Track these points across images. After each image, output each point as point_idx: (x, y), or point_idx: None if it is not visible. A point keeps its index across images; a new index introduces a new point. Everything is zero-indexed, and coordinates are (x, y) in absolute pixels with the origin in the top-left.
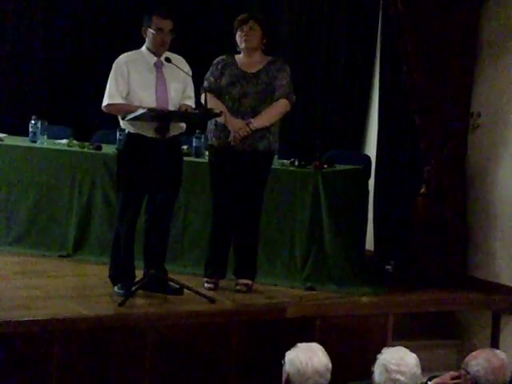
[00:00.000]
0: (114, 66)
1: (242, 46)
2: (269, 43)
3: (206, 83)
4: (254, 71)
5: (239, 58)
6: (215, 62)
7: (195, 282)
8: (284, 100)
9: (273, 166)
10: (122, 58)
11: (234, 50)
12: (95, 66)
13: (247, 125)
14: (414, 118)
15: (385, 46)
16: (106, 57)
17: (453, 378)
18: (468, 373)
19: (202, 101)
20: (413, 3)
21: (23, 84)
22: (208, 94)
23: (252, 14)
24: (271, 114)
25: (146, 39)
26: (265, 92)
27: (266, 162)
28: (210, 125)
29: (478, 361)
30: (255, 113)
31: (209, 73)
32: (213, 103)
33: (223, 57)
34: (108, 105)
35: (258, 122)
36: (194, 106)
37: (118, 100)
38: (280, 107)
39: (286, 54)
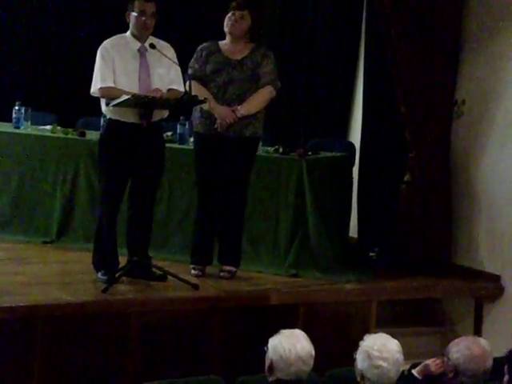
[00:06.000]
0: (100, 50)
1: (226, 29)
2: (254, 33)
3: (190, 70)
4: (238, 58)
5: (223, 44)
6: (199, 49)
7: (179, 269)
8: (269, 86)
9: (257, 153)
10: (107, 42)
11: (218, 36)
12: (79, 51)
13: (233, 112)
14: (398, 105)
15: (369, 33)
16: (89, 43)
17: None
18: (449, 359)
19: (187, 88)
20: None
21: (7, 70)
22: (193, 82)
23: (250, 4)
24: (257, 101)
25: (130, 24)
26: (250, 79)
27: (252, 148)
28: (195, 112)
29: (459, 348)
30: (241, 100)
31: (193, 60)
32: (198, 90)
33: (207, 44)
34: (101, 88)
35: (245, 109)
36: (181, 89)
37: (111, 83)
38: (266, 94)
39: (271, 40)
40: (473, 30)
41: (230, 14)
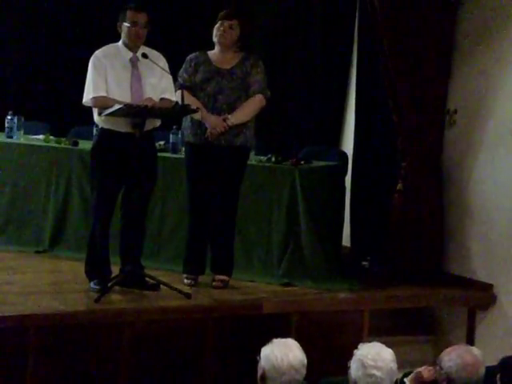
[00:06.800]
0: (92, 60)
1: (215, 39)
2: (244, 42)
3: (180, 80)
4: (228, 67)
5: (212, 54)
6: (188, 58)
7: (172, 278)
8: (259, 95)
9: (249, 162)
10: (100, 52)
11: (208, 46)
12: (72, 61)
13: (224, 121)
14: (390, 114)
15: (362, 42)
16: (81, 52)
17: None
18: (441, 368)
19: (178, 98)
20: (389, 0)
21: None
22: (183, 91)
23: (238, 13)
24: (248, 110)
25: (122, 34)
26: (240, 88)
27: (243, 157)
28: (186, 122)
29: (451, 357)
30: (231, 109)
31: (182, 70)
32: (188, 100)
33: (196, 54)
34: (94, 98)
35: (235, 118)
36: (173, 99)
37: (103, 93)
38: (256, 103)
39: (263, 49)
40: (464, 39)
41: (218, 24)
